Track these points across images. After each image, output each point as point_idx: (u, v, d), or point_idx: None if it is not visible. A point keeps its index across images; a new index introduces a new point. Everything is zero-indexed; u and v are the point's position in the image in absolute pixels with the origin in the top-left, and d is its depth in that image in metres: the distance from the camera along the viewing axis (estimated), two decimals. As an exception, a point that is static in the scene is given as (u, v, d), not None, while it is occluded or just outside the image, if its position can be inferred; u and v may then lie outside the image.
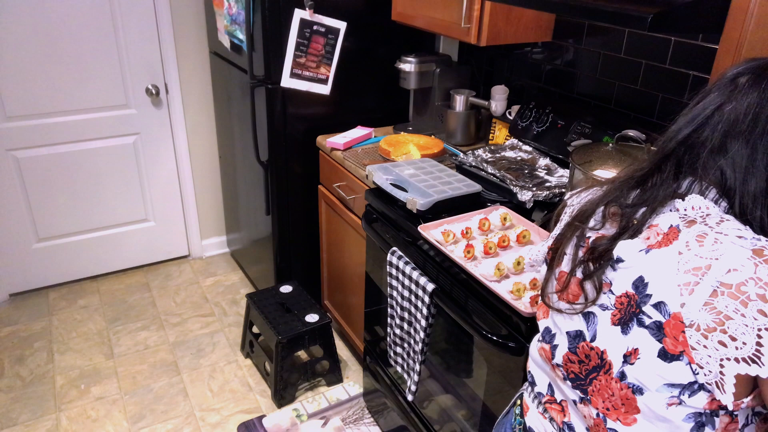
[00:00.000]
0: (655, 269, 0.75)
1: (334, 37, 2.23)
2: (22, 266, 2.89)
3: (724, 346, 0.68)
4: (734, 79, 0.80)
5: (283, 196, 2.48)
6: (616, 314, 0.80)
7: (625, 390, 0.79)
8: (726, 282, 0.69)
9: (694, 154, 0.80)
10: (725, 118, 0.78)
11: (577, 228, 0.89)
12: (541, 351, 0.97)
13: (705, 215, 0.76)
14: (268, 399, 2.34)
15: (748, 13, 1.13)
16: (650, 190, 0.82)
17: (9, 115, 2.60)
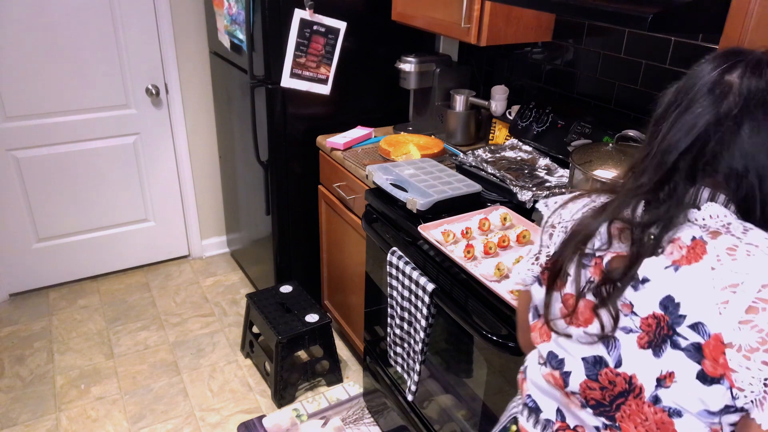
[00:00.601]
0: (687, 287, 0.72)
1: (334, 37, 2.23)
2: (22, 266, 2.89)
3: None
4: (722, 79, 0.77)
5: (283, 196, 2.48)
6: (643, 337, 0.76)
7: (660, 414, 0.75)
8: (764, 297, 0.67)
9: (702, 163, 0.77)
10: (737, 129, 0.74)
11: (578, 248, 0.83)
12: (549, 377, 0.90)
13: (727, 224, 0.74)
14: (268, 399, 2.34)
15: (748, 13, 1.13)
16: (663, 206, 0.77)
17: (9, 115, 2.60)
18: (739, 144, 0.74)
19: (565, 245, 0.86)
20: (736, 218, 0.75)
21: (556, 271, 0.87)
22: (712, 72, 0.77)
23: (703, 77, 0.78)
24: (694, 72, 0.80)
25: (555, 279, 0.87)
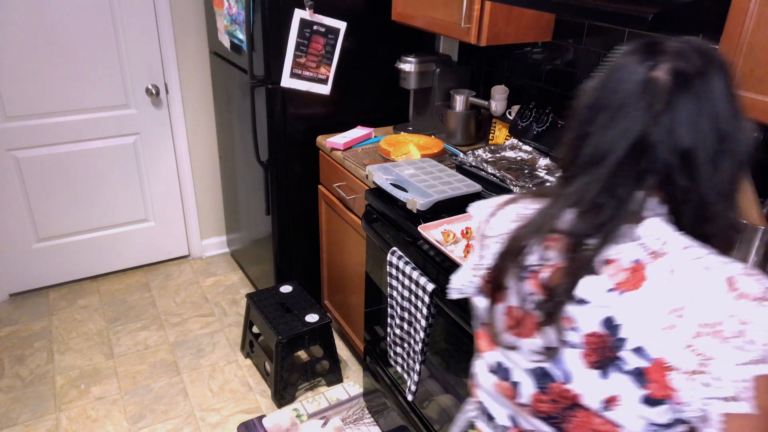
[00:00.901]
0: (628, 312, 0.73)
1: (334, 37, 2.23)
2: (22, 266, 2.89)
3: (708, 386, 0.68)
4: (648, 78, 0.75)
5: (283, 196, 2.48)
6: (590, 355, 0.76)
7: (607, 425, 0.77)
8: (706, 322, 0.68)
9: (639, 167, 0.75)
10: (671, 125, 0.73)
11: (515, 262, 0.82)
12: (499, 388, 0.90)
13: (664, 242, 0.74)
14: (268, 399, 2.34)
15: (748, 13, 1.13)
16: (601, 215, 0.76)
17: (9, 115, 2.60)
18: (672, 141, 0.73)
19: (501, 258, 0.85)
20: (674, 230, 0.75)
21: (496, 284, 0.86)
22: (638, 70, 0.76)
23: (629, 77, 0.76)
24: (617, 70, 0.78)
25: (495, 292, 0.86)
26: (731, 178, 0.76)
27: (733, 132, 0.74)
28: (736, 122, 0.75)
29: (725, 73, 0.75)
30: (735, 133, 0.74)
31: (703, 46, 0.76)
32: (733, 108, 0.75)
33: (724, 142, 0.74)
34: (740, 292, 0.67)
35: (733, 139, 0.74)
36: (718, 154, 0.74)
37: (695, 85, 0.73)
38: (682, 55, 0.75)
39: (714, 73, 0.74)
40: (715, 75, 0.74)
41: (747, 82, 1.16)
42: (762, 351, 0.66)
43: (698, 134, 0.73)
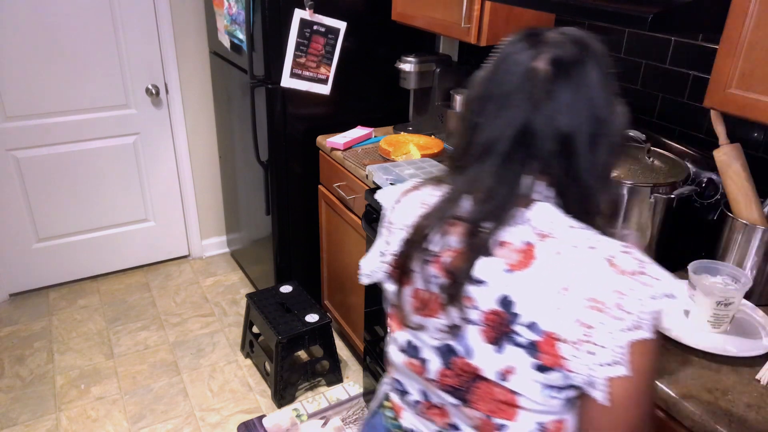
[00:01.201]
0: (521, 290, 0.77)
1: (334, 37, 2.23)
2: (22, 266, 2.89)
3: (593, 354, 0.74)
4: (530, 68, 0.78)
5: (283, 196, 2.48)
6: (488, 331, 0.81)
7: (506, 394, 0.82)
8: (589, 296, 0.74)
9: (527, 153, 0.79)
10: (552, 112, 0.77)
11: (419, 248, 0.86)
12: (409, 365, 0.95)
13: (551, 223, 0.79)
14: (268, 399, 2.34)
15: (748, 13, 1.13)
16: (493, 200, 0.80)
17: (9, 115, 2.60)
18: (553, 128, 0.77)
19: (407, 245, 0.89)
20: (561, 213, 0.80)
21: (403, 270, 0.90)
22: (520, 61, 0.79)
23: (513, 67, 0.80)
24: (502, 61, 0.82)
25: (403, 276, 0.91)
26: (607, 160, 0.81)
27: (608, 117, 0.79)
28: (611, 108, 0.80)
29: (600, 61, 0.79)
30: (610, 119, 0.79)
31: (579, 35, 0.80)
32: (607, 94, 0.79)
33: (600, 127, 0.79)
34: (619, 269, 0.74)
35: (608, 124, 0.79)
36: (595, 139, 0.79)
37: (573, 73, 0.77)
38: (560, 44, 0.79)
39: (590, 61, 0.78)
40: (590, 63, 0.78)
41: (747, 82, 1.16)
42: (636, 319, 0.73)
43: (576, 120, 0.78)
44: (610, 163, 0.82)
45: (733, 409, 1.03)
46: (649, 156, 1.50)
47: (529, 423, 0.84)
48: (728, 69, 1.18)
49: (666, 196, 1.41)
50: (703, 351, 1.15)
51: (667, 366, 1.12)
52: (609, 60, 0.81)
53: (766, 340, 1.21)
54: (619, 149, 0.83)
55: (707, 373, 1.11)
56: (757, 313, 1.28)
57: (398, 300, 0.93)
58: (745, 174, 1.35)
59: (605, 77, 0.79)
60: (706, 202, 1.53)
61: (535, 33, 0.81)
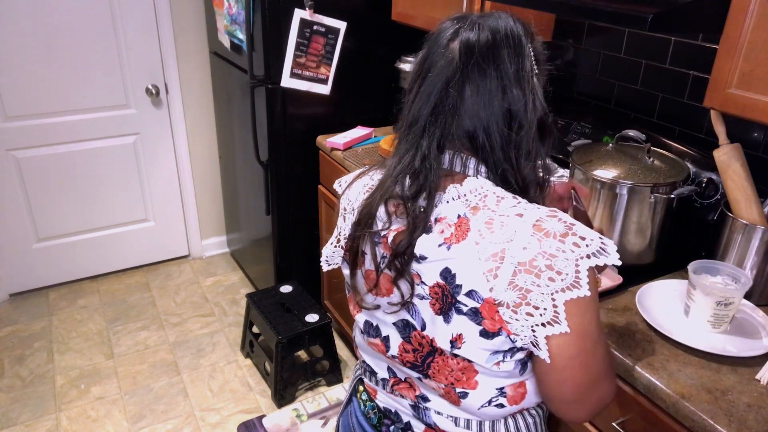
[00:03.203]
0: (459, 261, 0.81)
1: (334, 37, 2.23)
2: (22, 266, 2.89)
3: (531, 316, 0.78)
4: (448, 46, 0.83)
5: (283, 196, 2.48)
6: (435, 303, 0.85)
7: (461, 363, 0.86)
8: (521, 261, 0.77)
9: (444, 131, 0.83)
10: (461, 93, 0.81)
11: (367, 229, 0.90)
12: (373, 346, 1.00)
13: (483, 196, 0.82)
14: (268, 399, 2.34)
15: (748, 13, 1.13)
16: (421, 177, 0.84)
17: (9, 115, 2.60)
18: (465, 107, 0.81)
19: (356, 227, 0.92)
20: (492, 185, 0.84)
21: (354, 252, 0.94)
22: (442, 40, 0.83)
23: (435, 47, 0.84)
24: (433, 39, 0.86)
25: (355, 259, 0.95)
26: (528, 143, 0.84)
27: (523, 102, 0.82)
28: (526, 93, 0.82)
29: (517, 47, 0.83)
30: (525, 103, 0.82)
31: (497, 22, 0.84)
32: (522, 80, 0.82)
33: (515, 111, 0.82)
34: (546, 232, 0.77)
35: (523, 109, 0.82)
36: (510, 122, 0.82)
37: (482, 57, 0.81)
38: (475, 27, 0.82)
39: (503, 46, 0.82)
40: (504, 49, 0.82)
41: (747, 82, 1.16)
42: (569, 279, 0.76)
43: (487, 103, 0.81)
44: (527, 141, 0.84)
45: (733, 409, 1.03)
46: (649, 156, 1.50)
47: (489, 389, 0.88)
48: (728, 69, 1.18)
49: (666, 196, 1.41)
50: (703, 351, 1.15)
51: (667, 366, 1.12)
52: (531, 46, 0.85)
53: (766, 340, 1.20)
54: (544, 133, 0.86)
55: (707, 373, 1.11)
56: (757, 313, 1.28)
57: (353, 282, 0.98)
58: (745, 174, 1.35)
59: (521, 63, 0.82)
60: (706, 202, 1.53)
61: (463, 16, 0.86)
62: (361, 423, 1.07)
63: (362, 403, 1.08)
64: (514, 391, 0.89)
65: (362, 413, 1.07)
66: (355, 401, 1.11)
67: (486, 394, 0.88)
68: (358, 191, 0.97)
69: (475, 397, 0.88)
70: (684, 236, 1.56)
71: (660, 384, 1.08)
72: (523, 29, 0.86)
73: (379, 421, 1.04)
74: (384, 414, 1.03)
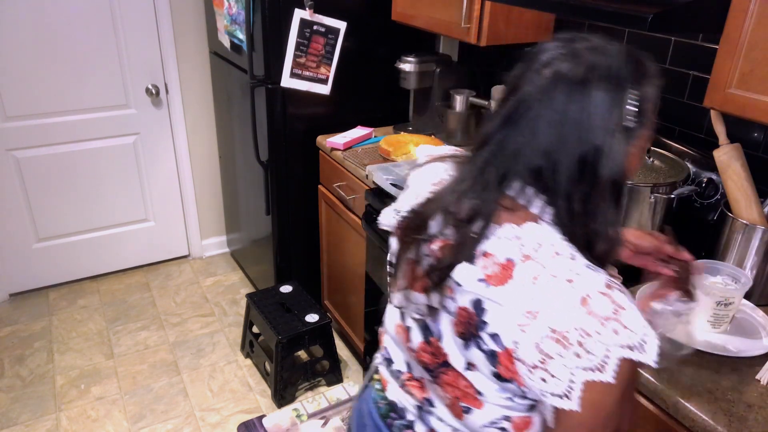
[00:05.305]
0: (493, 302, 0.77)
1: (334, 37, 2.23)
2: (22, 266, 2.89)
3: (545, 382, 0.75)
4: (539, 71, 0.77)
5: (283, 196, 2.48)
6: (458, 325, 0.82)
7: (470, 388, 0.85)
8: (554, 328, 0.73)
9: (511, 161, 0.78)
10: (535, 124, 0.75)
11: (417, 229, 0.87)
12: (399, 330, 0.97)
13: (539, 246, 0.77)
14: (268, 399, 2.34)
15: (748, 13, 1.14)
16: (478, 203, 0.79)
17: (9, 115, 2.60)
18: (538, 140, 0.75)
19: (407, 223, 0.90)
20: (555, 234, 0.78)
21: (403, 238, 0.91)
22: (536, 63, 0.77)
23: (533, 64, 0.78)
24: (527, 58, 0.79)
25: (402, 240, 0.92)
26: (595, 193, 0.76)
27: (605, 147, 0.74)
28: (612, 139, 0.74)
29: (611, 89, 0.74)
30: (607, 150, 0.74)
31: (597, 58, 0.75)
32: (612, 124, 0.74)
33: (593, 155, 0.74)
34: (590, 310, 0.72)
35: (604, 155, 0.74)
36: (583, 168, 0.75)
37: (569, 92, 0.74)
38: (574, 58, 0.75)
39: (596, 86, 0.73)
40: (596, 88, 0.73)
41: (747, 82, 1.16)
42: (596, 361, 0.72)
43: (561, 142, 0.74)
44: (603, 203, 0.77)
45: (733, 409, 1.03)
46: (649, 156, 1.50)
47: (495, 412, 0.85)
48: (728, 69, 1.18)
49: (666, 196, 1.41)
50: (703, 351, 1.15)
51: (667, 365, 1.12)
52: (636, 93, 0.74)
53: (766, 340, 1.21)
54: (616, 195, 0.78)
55: (707, 373, 1.11)
56: (757, 313, 1.28)
57: (396, 261, 0.94)
58: (745, 174, 1.35)
59: (612, 111, 0.74)
60: (706, 202, 1.53)
61: (570, 39, 0.78)
62: (371, 411, 1.06)
63: (375, 391, 1.07)
64: (520, 420, 0.86)
65: (373, 401, 1.06)
66: (370, 388, 1.10)
67: (491, 415, 0.86)
68: (428, 175, 0.93)
69: (479, 415, 0.86)
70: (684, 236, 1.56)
71: (660, 384, 1.08)
72: (632, 72, 0.76)
73: (386, 413, 1.03)
74: (391, 407, 1.02)
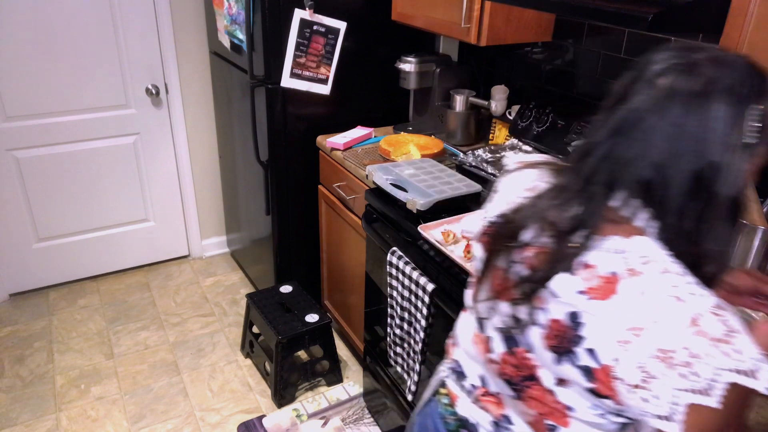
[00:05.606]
0: (593, 316, 0.74)
1: (334, 37, 2.23)
2: (22, 266, 2.89)
3: (646, 402, 0.71)
4: (653, 81, 0.74)
5: (283, 196, 2.48)
6: (551, 339, 0.79)
7: (558, 404, 0.81)
8: (660, 347, 0.69)
9: (619, 172, 0.75)
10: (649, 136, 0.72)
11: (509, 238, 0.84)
12: (477, 340, 0.93)
13: (646, 261, 0.73)
14: (268, 399, 2.34)
15: (748, 13, 1.13)
16: (583, 213, 0.77)
17: (9, 115, 2.60)
18: (650, 153, 0.72)
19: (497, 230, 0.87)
20: (662, 249, 0.75)
21: (491, 246, 0.88)
22: (649, 72, 0.75)
23: (644, 74, 0.75)
24: (639, 66, 0.77)
25: (490, 249, 0.88)
26: (709, 211, 0.73)
27: (722, 163, 0.70)
28: (730, 155, 0.71)
29: (731, 104, 0.70)
30: (724, 166, 0.71)
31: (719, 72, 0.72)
32: (732, 140, 0.70)
33: (709, 170, 0.71)
34: (700, 330, 0.68)
35: (720, 170, 0.71)
36: (698, 185, 0.71)
37: (686, 105, 0.71)
38: (692, 70, 0.72)
39: (716, 100, 0.70)
40: (715, 102, 0.70)
41: (747, 82, 1.16)
42: (703, 384, 0.67)
43: (674, 157, 0.71)
44: (717, 222, 0.73)
45: (733, 410, 1.02)
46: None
47: (583, 431, 0.81)
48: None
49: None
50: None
51: None
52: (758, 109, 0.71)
53: (766, 340, 1.20)
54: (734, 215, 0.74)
55: None
56: (757, 313, 1.28)
57: (481, 269, 0.90)
58: (745, 174, 1.35)
59: (732, 128, 0.70)
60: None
61: (687, 49, 0.75)
62: (438, 427, 1.03)
63: (442, 406, 1.03)
64: None
65: (440, 416, 1.02)
66: (435, 403, 1.05)
67: None
68: (521, 182, 0.90)
69: None
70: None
71: None
72: (755, 86, 0.72)
73: (456, 430, 0.99)
74: (462, 423, 0.98)
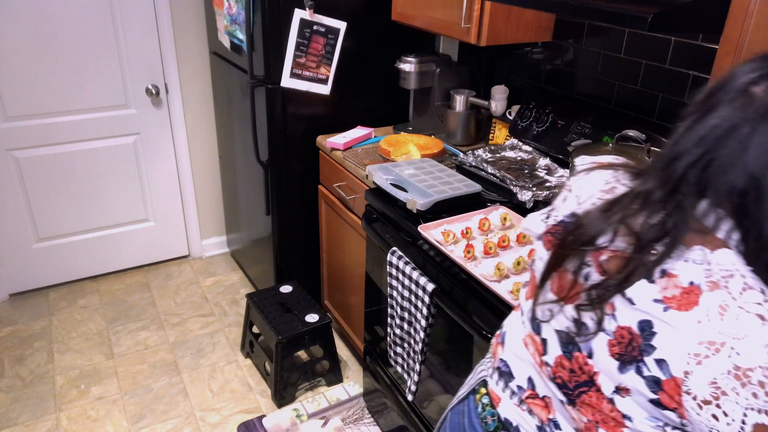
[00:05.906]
0: (668, 326, 0.72)
1: (334, 37, 2.23)
2: (22, 266, 2.89)
3: (716, 420, 0.69)
4: (746, 90, 0.71)
5: (283, 196, 2.48)
6: (615, 346, 0.77)
7: (615, 412, 0.79)
8: (739, 365, 0.67)
9: (708, 180, 0.73)
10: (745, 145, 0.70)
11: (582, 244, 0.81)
12: (529, 339, 0.91)
13: (729, 275, 0.71)
14: (268, 399, 2.34)
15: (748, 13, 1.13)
16: (669, 223, 0.74)
17: (9, 115, 2.60)
18: (744, 161, 0.70)
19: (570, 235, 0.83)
20: (744, 264, 0.73)
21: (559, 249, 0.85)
22: (741, 80, 0.73)
23: (731, 84, 0.73)
24: (729, 75, 0.75)
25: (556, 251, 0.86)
26: None
27: None
28: None
29: None
30: None
31: None
32: None
33: None
34: None
35: None
36: None
37: None
38: None
39: None
40: None
41: (747, 82, 1.16)
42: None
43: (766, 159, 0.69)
44: None
45: (733, 410, 1.02)
46: (649, 156, 1.50)
47: None
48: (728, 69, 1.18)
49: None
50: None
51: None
52: None
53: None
54: None
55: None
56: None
57: (544, 270, 0.87)
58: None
59: None
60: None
61: None
62: (475, 426, 1.00)
63: (481, 406, 1.00)
64: None
65: (478, 416, 1.00)
66: (472, 402, 1.03)
67: None
68: (596, 182, 0.87)
69: None
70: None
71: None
72: None
73: (495, 430, 0.97)
74: (503, 425, 0.96)
